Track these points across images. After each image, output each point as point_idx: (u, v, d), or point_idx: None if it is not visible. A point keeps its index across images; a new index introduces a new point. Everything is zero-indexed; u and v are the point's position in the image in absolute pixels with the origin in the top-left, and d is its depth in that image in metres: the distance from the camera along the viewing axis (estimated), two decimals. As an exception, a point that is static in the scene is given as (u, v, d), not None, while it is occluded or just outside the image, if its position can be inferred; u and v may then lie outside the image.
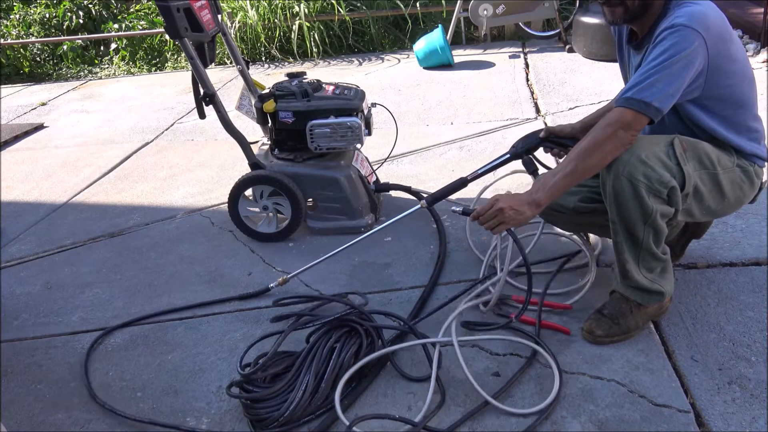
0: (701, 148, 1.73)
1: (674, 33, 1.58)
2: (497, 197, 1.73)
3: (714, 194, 1.77)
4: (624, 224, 1.72)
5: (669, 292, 1.85)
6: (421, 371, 1.82)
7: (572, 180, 1.68)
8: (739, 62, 1.70)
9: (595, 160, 1.64)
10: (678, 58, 1.57)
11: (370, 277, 2.37)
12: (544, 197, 1.69)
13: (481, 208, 1.76)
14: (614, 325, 1.84)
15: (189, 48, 2.40)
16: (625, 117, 1.60)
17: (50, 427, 1.81)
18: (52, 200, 3.47)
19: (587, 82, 4.39)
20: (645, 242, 1.72)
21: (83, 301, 2.45)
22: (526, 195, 1.72)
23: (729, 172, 1.76)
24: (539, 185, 1.71)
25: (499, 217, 1.70)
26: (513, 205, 1.69)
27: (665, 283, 1.82)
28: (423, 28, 5.94)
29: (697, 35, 1.57)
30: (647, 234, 1.71)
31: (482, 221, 1.75)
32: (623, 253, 1.77)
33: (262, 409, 1.68)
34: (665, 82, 1.58)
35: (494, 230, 1.74)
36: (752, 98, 1.78)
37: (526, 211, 1.69)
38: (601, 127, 1.63)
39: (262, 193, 2.66)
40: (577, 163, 1.65)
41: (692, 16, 1.59)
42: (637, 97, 1.59)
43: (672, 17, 1.62)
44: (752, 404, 1.60)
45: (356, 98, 2.60)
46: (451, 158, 3.37)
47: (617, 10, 1.73)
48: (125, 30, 6.78)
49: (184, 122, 4.62)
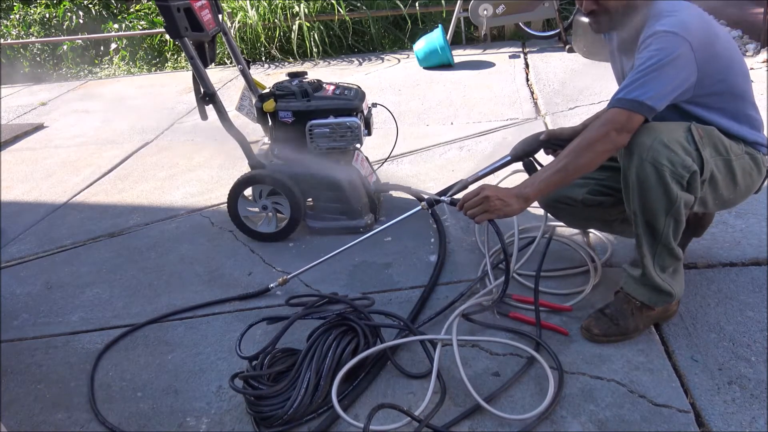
0: (716, 135, 1.72)
1: (658, 38, 1.60)
2: (484, 186, 1.72)
3: (728, 182, 1.76)
4: (645, 215, 1.69)
5: (678, 294, 1.83)
6: (421, 371, 1.82)
7: (562, 177, 1.67)
8: (726, 57, 1.70)
9: (586, 159, 1.64)
10: (666, 61, 1.58)
11: (370, 277, 2.37)
12: (532, 192, 1.69)
13: (466, 194, 1.74)
14: (613, 325, 1.84)
15: (189, 48, 2.40)
16: (618, 117, 1.60)
17: (50, 427, 1.81)
18: (52, 200, 3.47)
19: (587, 82, 4.39)
20: (665, 235, 1.69)
21: (83, 301, 2.45)
22: (515, 188, 1.71)
23: (740, 159, 1.75)
24: (530, 180, 1.71)
25: (483, 205, 1.69)
26: (500, 196, 1.68)
27: (675, 285, 1.80)
28: (423, 28, 5.95)
29: (682, 40, 1.58)
30: (668, 225, 1.68)
31: (466, 207, 1.72)
32: (642, 246, 1.74)
33: (266, 406, 1.68)
34: (656, 82, 1.58)
35: (477, 218, 1.72)
36: (746, 89, 1.78)
37: (513, 204, 1.68)
38: (594, 127, 1.64)
39: (261, 192, 2.66)
40: (568, 162, 1.65)
41: (673, 24, 1.61)
42: (629, 97, 1.60)
43: (654, 26, 1.63)
44: (752, 404, 1.60)
45: (356, 98, 2.60)
46: (451, 158, 3.37)
47: (602, 19, 1.75)
48: (125, 30, 6.78)
49: (184, 122, 4.62)
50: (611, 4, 1.71)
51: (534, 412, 1.59)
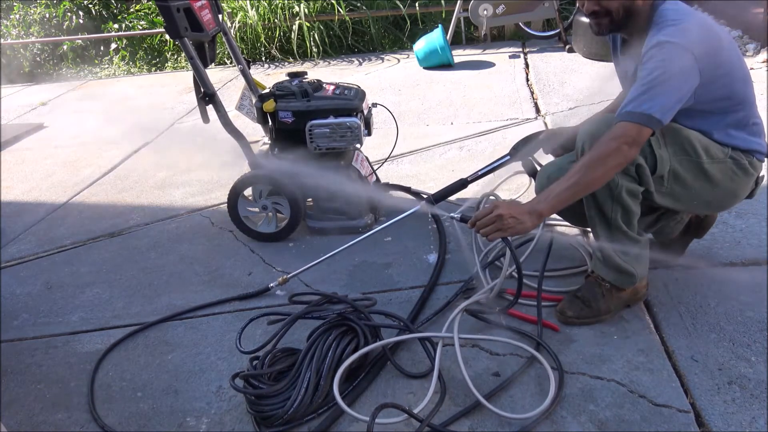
0: (684, 136, 1.76)
1: (662, 49, 1.61)
2: (497, 203, 1.73)
3: (702, 182, 1.79)
4: (594, 200, 1.79)
5: (640, 275, 1.89)
6: (421, 370, 1.82)
7: (575, 192, 1.68)
8: (728, 64, 1.71)
9: (598, 173, 1.65)
10: (671, 73, 1.59)
11: (370, 277, 2.37)
12: (545, 208, 1.69)
13: (479, 212, 1.74)
14: (586, 307, 1.91)
15: (189, 48, 2.40)
16: (629, 131, 1.61)
17: (50, 427, 1.81)
18: (52, 200, 3.47)
19: (587, 82, 4.39)
20: (614, 219, 1.78)
21: (83, 301, 2.45)
22: (527, 205, 1.71)
23: (719, 163, 1.78)
24: (542, 196, 1.71)
25: (497, 223, 1.69)
26: (513, 213, 1.68)
27: (638, 266, 1.87)
28: (423, 28, 5.95)
29: (685, 50, 1.60)
30: (615, 211, 1.77)
31: (479, 226, 1.72)
32: (595, 227, 1.84)
33: (267, 406, 1.68)
34: (663, 95, 1.60)
35: (490, 237, 1.71)
36: (747, 95, 1.78)
37: (526, 221, 1.68)
38: (604, 142, 1.64)
39: (261, 192, 2.66)
40: (580, 177, 1.66)
41: (676, 34, 1.61)
42: (638, 111, 1.60)
43: (657, 36, 1.63)
44: (752, 404, 1.60)
45: (356, 98, 2.60)
46: (451, 158, 3.37)
47: (603, 21, 1.76)
48: (125, 30, 6.78)
49: (184, 122, 4.62)
50: (613, 5, 1.72)
51: (535, 411, 1.59)
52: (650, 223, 1.97)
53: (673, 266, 2.17)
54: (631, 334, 1.88)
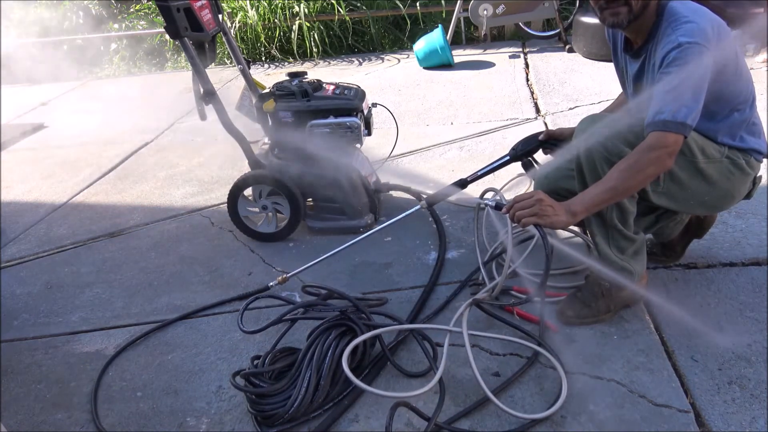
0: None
1: (686, 51, 1.59)
2: (539, 191, 1.73)
3: (698, 181, 1.79)
4: None
5: (638, 273, 1.89)
6: (421, 370, 1.82)
7: (611, 197, 1.68)
8: (733, 63, 1.71)
9: (636, 181, 1.66)
10: (698, 75, 1.59)
11: (370, 277, 2.37)
12: (581, 209, 1.69)
13: (519, 195, 1.73)
14: (585, 307, 1.92)
15: (189, 48, 2.40)
16: (668, 141, 1.60)
17: (50, 427, 1.81)
18: (52, 200, 3.47)
19: (587, 82, 4.39)
20: (609, 217, 1.79)
21: (83, 301, 2.45)
22: (564, 203, 1.71)
23: (715, 162, 1.78)
24: (578, 198, 1.71)
25: (536, 206, 1.67)
26: (552, 204, 1.69)
27: (636, 264, 1.87)
28: (423, 28, 5.94)
29: (705, 50, 1.59)
30: (611, 210, 1.78)
31: (517, 207, 1.70)
32: (591, 225, 1.84)
33: (267, 405, 1.68)
34: (694, 100, 1.59)
35: (524, 220, 1.68)
36: (749, 94, 1.78)
37: (561, 216, 1.68)
38: (643, 151, 1.62)
39: (261, 192, 2.66)
40: (618, 183, 1.65)
41: (694, 33, 1.60)
42: (676, 120, 1.58)
43: (674, 35, 1.62)
44: (752, 404, 1.60)
45: (356, 98, 2.60)
46: (451, 158, 3.37)
47: (622, 10, 1.71)
48: (125, 30, 6.78)
49: (184, 122, 4.62)
50: None
51: (546, 412, 1.60)
52: (650, 223, 1.97)
53: (673, 266, 2.17)
54: (631, 334, 1.88)
